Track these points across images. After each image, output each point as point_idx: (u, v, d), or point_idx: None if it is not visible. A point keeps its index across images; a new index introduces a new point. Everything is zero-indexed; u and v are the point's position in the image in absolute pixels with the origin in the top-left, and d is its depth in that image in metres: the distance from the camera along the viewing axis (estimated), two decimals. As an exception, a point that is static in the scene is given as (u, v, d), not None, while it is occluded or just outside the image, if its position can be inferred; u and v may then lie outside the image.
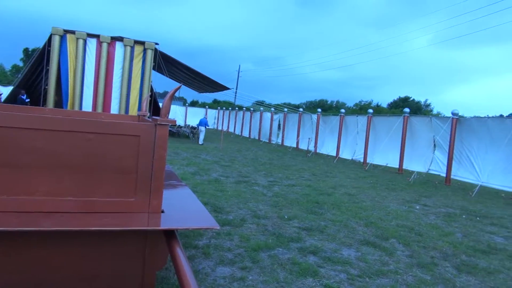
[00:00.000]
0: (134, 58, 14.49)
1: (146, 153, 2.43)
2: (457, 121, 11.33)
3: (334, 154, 16.71)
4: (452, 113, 11.48)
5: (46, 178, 2.24)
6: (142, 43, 14.57)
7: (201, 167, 9.98)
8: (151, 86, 15.31)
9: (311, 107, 49.94)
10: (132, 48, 14.37)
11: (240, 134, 30.23)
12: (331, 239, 4.65)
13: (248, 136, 28.01)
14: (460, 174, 11.21)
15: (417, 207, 7.30)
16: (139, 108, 13.84)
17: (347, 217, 5.88)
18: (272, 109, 25.14)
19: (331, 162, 14.85)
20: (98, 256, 2.44)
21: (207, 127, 20.18)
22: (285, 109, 23.49)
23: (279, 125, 23.52)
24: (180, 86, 2.87)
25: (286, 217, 5.52)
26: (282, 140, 22.27)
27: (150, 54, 14.68)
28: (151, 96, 16.35)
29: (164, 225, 2.32)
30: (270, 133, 24.01)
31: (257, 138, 26.11)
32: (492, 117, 20.88)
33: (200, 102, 60.75)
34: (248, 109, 30.13)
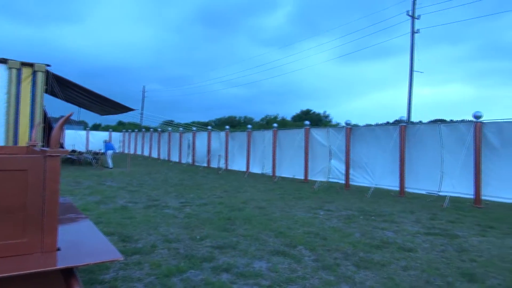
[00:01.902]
0: (22, 81, 13.17)
1: (35, 189, 2.26)
2: (350, 130, 12.51)
3: (245, 170, 17.11)
4: (346, 123, 12.65)
5: None
6: (30, 65, 13.33)
7: (106, 195, 9.41)
8: (45, 111, 14.03)
9: (220, 124, 50.50)
10: (19, 70, 13.06)
11: (148, 156, 29.20)
12: (243, 254, 4.76)
13: (157, 157, 27.20)
14: (356, 178, 12.34)
15: (321, 213, 7.84)
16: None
17: (258, 230, 6.07)
18: (181, 128, 24.86)
19: (242, 178, 15.16)
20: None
21: (114, 150, 20.57)
22: (194, 128, 23.41)
23: (188, 144, 23.29)
24: (71, 114, 2.74)
25: (198, 237, 5.49)
26: (193, 159, 22.09)
27: (40, 77, 13.48)
28: (44, 122, 14.96)
29: (60, 264, 2.17)
30: (180, 153, 23.66)
31: (167, 159, 25.50)
32: (379, 124, 23.43)
33: (103, 125, 57.21)
34: (155, 129, 29.34)
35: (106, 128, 46.52)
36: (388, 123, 35.06)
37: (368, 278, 4.03)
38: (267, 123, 49.96)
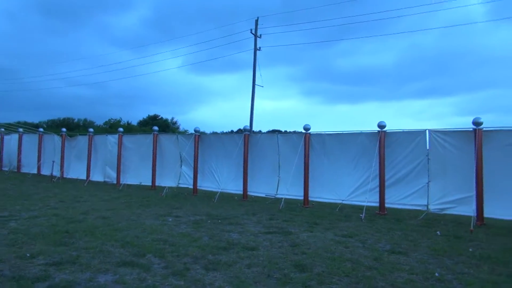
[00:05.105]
0: None
1: None
2: (199, 137, 12.83)
3: (85, 177, 15.62)
4: (194, 130, 12.94)
5: None
6: None
7: None
8: None
9: (55, 126, 44.73)
10: None
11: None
12: (85, 269, 4.37)
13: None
14: (204, 184, 12.71)
15: (170, 219, 7.80)
16: None
17: (102, 241, 5.65)
18: (2, 129, 21.06)
19: (82, 186, 13.83)
20: None
21: None
22: (20, 129, 20.16)
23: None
24: None
25: (28, 255, 4.78)
26: (18, 166, 18.97)
27: None
28: None
29: None
30: (0, 158, 20.00)
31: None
32: (226, 133, 24.70)
33: None
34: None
35: None
36: (232, 131, 37.21)
37: (216, 279, 4.22)
38: (110, 127, 46.71)
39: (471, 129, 8.44)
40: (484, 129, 8.33)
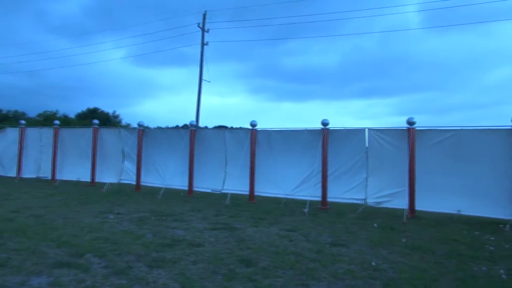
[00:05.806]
0: None
1: None
2: (143, 131, 12.42)
3: (15, 174, 14.46)
4: (138, 124, 12.51)
5: None
6: None
7: None
8: None
9: (-21, 117, 40.75)
10: None
11: None
12: (16, 272, 4.06)
13: None
14: (148, 180, 12.34)
15: (111, 216, 7.49)
16: None
17: (35, 242, 5.29)
18: None
19: (11, 183, 12.81)
20: None
21: None
22: None
23: None
24: None
25: None
26: None
27: None
28: None
29: None
30: None
31: None
32: (171, 127, 24.21)
33: None
34: None
35: None
36: (177, 126, 36.46)
37: (161, 276, 4.13)
38: (45, 120, 43.55)
39: (405, 128, 9.04)
40: (417, 128, 8.96)
